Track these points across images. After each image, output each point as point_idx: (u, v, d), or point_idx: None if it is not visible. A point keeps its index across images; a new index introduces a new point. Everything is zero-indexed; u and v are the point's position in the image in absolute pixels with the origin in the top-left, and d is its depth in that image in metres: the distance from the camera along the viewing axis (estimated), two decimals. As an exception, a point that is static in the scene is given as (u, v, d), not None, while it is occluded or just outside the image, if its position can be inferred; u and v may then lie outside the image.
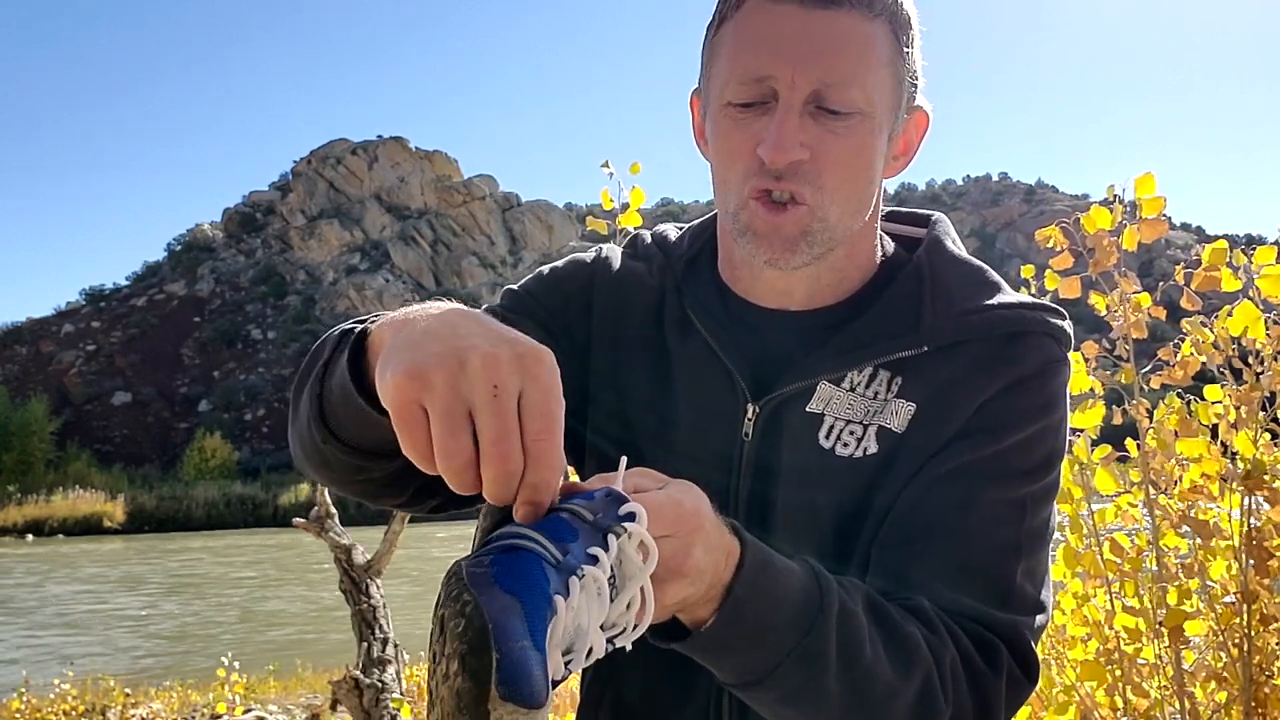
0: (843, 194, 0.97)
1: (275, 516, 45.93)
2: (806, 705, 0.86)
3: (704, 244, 1.15)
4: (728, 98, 0.96)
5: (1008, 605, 0.95)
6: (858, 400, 1.02)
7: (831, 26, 0.92)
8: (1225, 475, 2.50)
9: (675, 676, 1.04)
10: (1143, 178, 2.55)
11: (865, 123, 0.95)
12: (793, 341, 1.06)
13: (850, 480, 1.01)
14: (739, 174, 0.97)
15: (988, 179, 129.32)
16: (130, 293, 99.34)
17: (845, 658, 0.84)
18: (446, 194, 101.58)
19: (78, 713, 8.25)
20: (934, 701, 0.89)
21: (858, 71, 0.93)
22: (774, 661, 0.82)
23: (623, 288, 1.15)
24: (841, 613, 0.84)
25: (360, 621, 7.13)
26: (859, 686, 0.85)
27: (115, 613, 18.10)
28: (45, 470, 59.80)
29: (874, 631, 0.87)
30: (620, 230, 2.99)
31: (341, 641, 10.93)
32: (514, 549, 0.64)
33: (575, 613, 0.64)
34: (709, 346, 1.07)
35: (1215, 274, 2.51)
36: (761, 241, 0.98)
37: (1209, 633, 2.56)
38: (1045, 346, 1.02)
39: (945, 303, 1.03)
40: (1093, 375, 2.66)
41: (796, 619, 0.82)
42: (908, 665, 0.87)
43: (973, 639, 0.92)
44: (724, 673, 0.85)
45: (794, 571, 0.84)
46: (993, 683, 0.92)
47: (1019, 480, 0.99)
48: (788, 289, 1.06)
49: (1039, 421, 1.00)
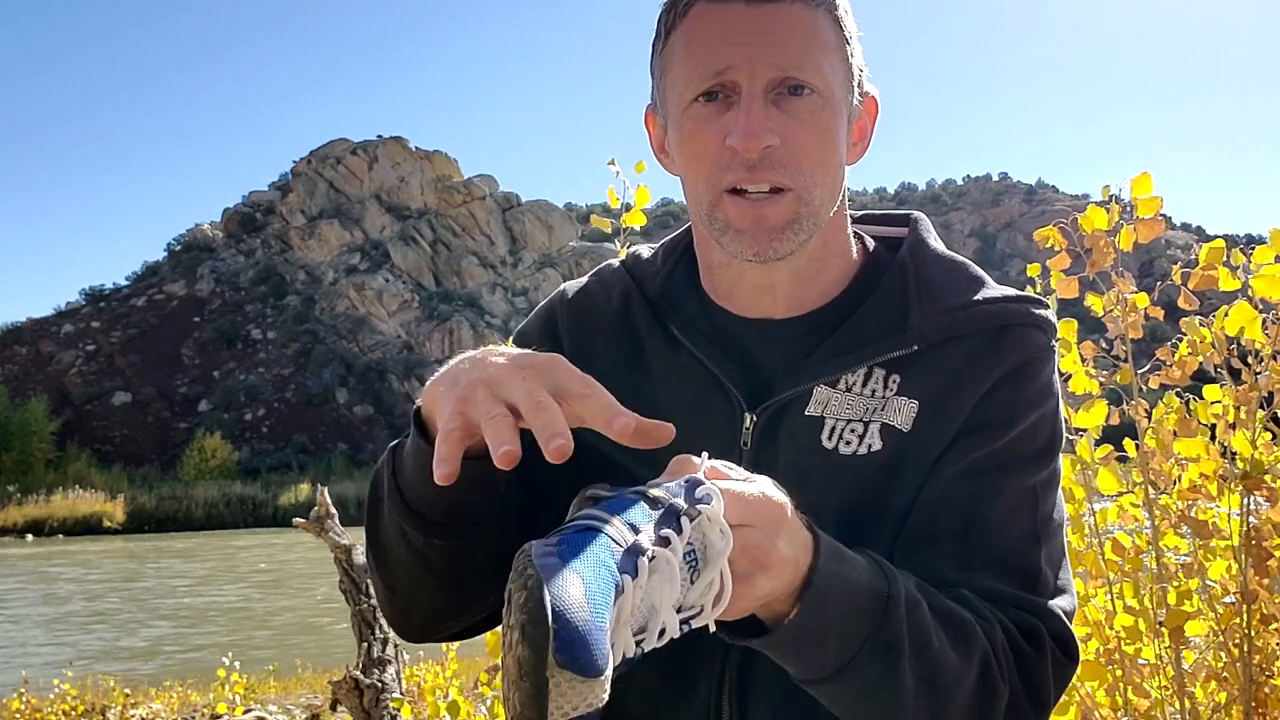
0: (820, 175, 0.98)
1: (275, 516, 45.98)
2: (884, 695, 0.87)
3: (679, 258, 1.16)
4: (690, 96, 0.98)
5: (1037, 590, 0.98)
6: (856, 399, 1.03)
7: (778, 15, 0.95)
8: (1224, 475, 2.50)
9: (674, 682, 1.04)
10: (1139, 178, 2.55)
11: (826, 104, 0.97)
12: (783, 348, 1.06)
13: (856, 478, 1.01)
14: (709, 171, 0.98)
15: (988, 179, 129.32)
16: (130, 293, 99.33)
17: (916, 644, 0.86)
18: (446, 194, 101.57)
19: (78, 713, 8.25)
20: (994, 684, 0.91)
21: (811, 54, 0.96)
22: (852, 651, 0.83)
23: (585, 313, 1.17)
24: (909, 600, 0.87)
25: (360, 621, 7.14)
26: (930, 673, 0.87)
27: (115, 612, 18.10)
28: (45, 470, 59.84)
29: (935, 618, 0.88)
30: (625, 229, 2.99)
31: (341, 641, 10.93)
32: (584, 529, 0.66)
33: (646, 592, 0.66)
34: (697, 359, 1.08)
35: (1213, 273, 2.51)
36: (744, 236, 0.99)
37: (1209, 633, 2.56)
38: (1033, 337, 1.04)
39: (932, 300, 1.05)
40: (1091, 375, 2.66)
41: (871, 608, 0.84)
42: (968, 649, 0.89)
43: (1015, 623, 0.95)
44: (803, 668, 0.85)
45: (861, 562, 0.86)
46: (1039, 663, 0.94)
47: (1029, 469, 1.01)
48: (770, 285, 1.07)
49: (1038, 409, 1.02)
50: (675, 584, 0.68)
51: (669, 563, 0.67)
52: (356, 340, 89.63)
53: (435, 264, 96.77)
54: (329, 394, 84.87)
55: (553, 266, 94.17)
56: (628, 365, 1.12)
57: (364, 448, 78.05)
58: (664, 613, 0.68)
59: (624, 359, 1.13)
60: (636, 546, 0.66)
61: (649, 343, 1.12)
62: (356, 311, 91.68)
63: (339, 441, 79.43)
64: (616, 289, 1.17)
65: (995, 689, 0.91)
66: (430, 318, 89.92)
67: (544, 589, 0.59)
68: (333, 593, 7.65)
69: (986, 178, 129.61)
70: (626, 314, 1.15)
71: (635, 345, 1.13)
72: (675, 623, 0.69)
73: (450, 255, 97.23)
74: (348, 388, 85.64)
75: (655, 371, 1.11)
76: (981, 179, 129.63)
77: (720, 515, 0.71)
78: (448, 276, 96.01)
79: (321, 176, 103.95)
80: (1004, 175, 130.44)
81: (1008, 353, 1.02)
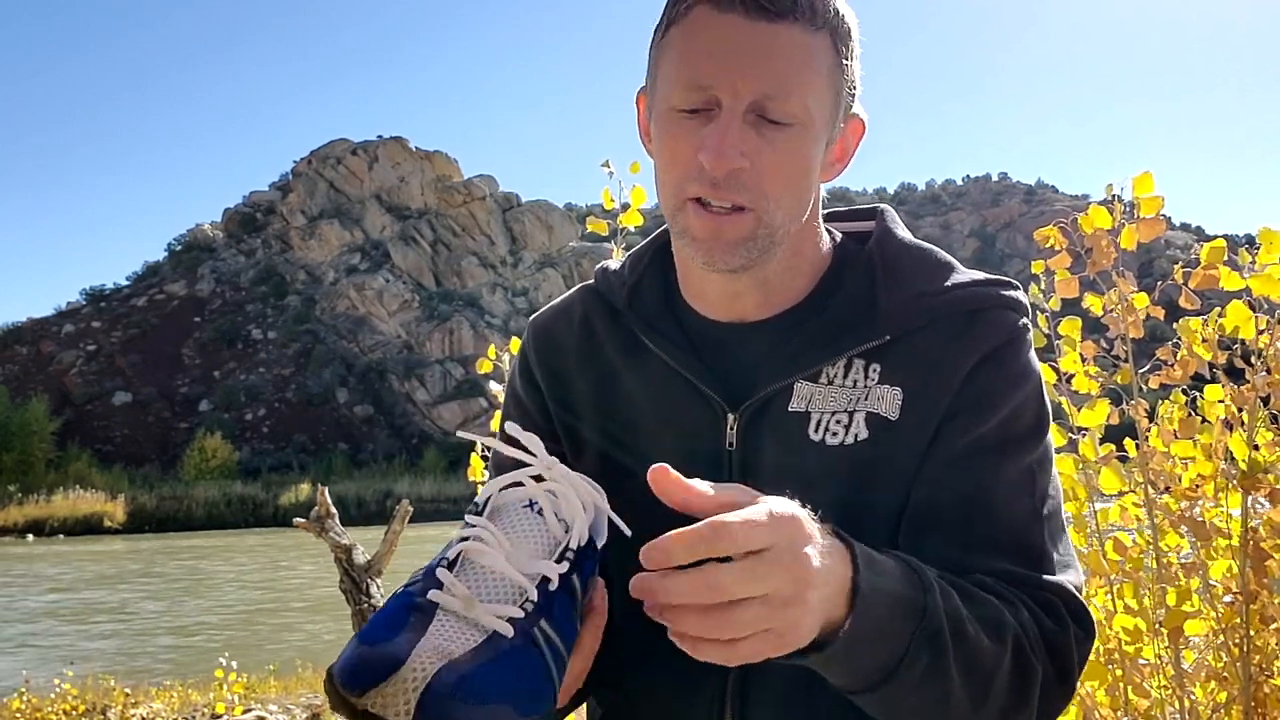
0: (785, 199, 0.99)
1: (275, 516, 45.96)
2: (934, 691, 0.86)
3: (645, 267, 1.17)
4: (673, 104, 0.99)
5: (1045, 568, 0.98)
6: (839, 391, 1.04)
7: (774, 39, 0.94)
8: (1224, 475, 2.50)
9: (679, 687, 1.04)
10: (1141, 177, 2.55)
11: (804, 133, 0.97)
12: (758, 348, 1.07)
13: (847, 468, 1.02)
14: (677, 177, 0.99)
15: (988, 179, 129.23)
16: (130, 293, 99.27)
17: (956, 634, 0.85)
18: (446, 194, 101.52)
19: (78, 713, 8.24)
20: (1028, 664, 0.91)
21: (798, 84, 0.95)
22: (901, 650, 0.83)
23: (551, 345, 1.19)
24: (941, 590, 0.86)
25: (360, 621, 7.13)
26: (971, 661, 0.86)
27: (115, 612, 18.10)
28: (46, 470, 59.80)
29: (966, 605, 0.88)
30: (621, 230, 2.98)
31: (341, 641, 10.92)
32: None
33: (496, 553, 0.73)
34: (669, 367, 1.08)
35: (1213, 273, 2.51)
36: (700, 245, 1.00)
37: (1209, 633, 2.56)
38: (1006, 319, 1.05)
39: (901, 288, 1.06)
40: (1091, 376, 2.66)
41: (910, 604, 0.83)
42: (999, 632, 0.89)
43: (1036, 601, 0.95)
44: (857, 676, 0.84)
45: (887, 558, 0.85)
46: (1062, 638, 0.95)
47: (1022, 449, 1.02)
48: (736, 293, 1.08)
49: (1022, 389, 1.03)
50: (520, 532, 0.75)
51: (485, 528, 0.74)
52: (357, 340, 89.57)
53: (435, 264, 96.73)
54: (329, 394, 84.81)
55: (553, 266, 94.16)
56: (601, 386, 1.14)
57: (364, 448, 78.04)
58: (531, 564, 0.74)
59: (596, 380, 1.14)
60: (429, 569, 0.73)
61: (620, 359, 1.13)
62: (357, 311, 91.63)
63: (339, 441, 79.37)
64: (577, 314, 1.19)
65: (1030, 669, 0.91)
66: (430, 318, 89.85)
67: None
68: (333, 592, 7.65)
69: (986, 178, 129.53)
70: (590, 337, 1.17)
71: (605, 366, 1.14)
72: (550, 567, 0.75)
73: (450, 255, 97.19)
74: (348, 388, 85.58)
75: (630, 387, 1.12)
76: (981, 179, 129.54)
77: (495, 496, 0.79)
78: (448, 276, 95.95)
79: (322, 176, 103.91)
80: (1004, 175, 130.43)
81: (983, 336, 1.03)
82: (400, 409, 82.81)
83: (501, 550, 0.73)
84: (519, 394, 1.21)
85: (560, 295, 1.26)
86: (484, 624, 0.67)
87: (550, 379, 1.17)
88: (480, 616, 0.67)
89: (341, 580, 7.17)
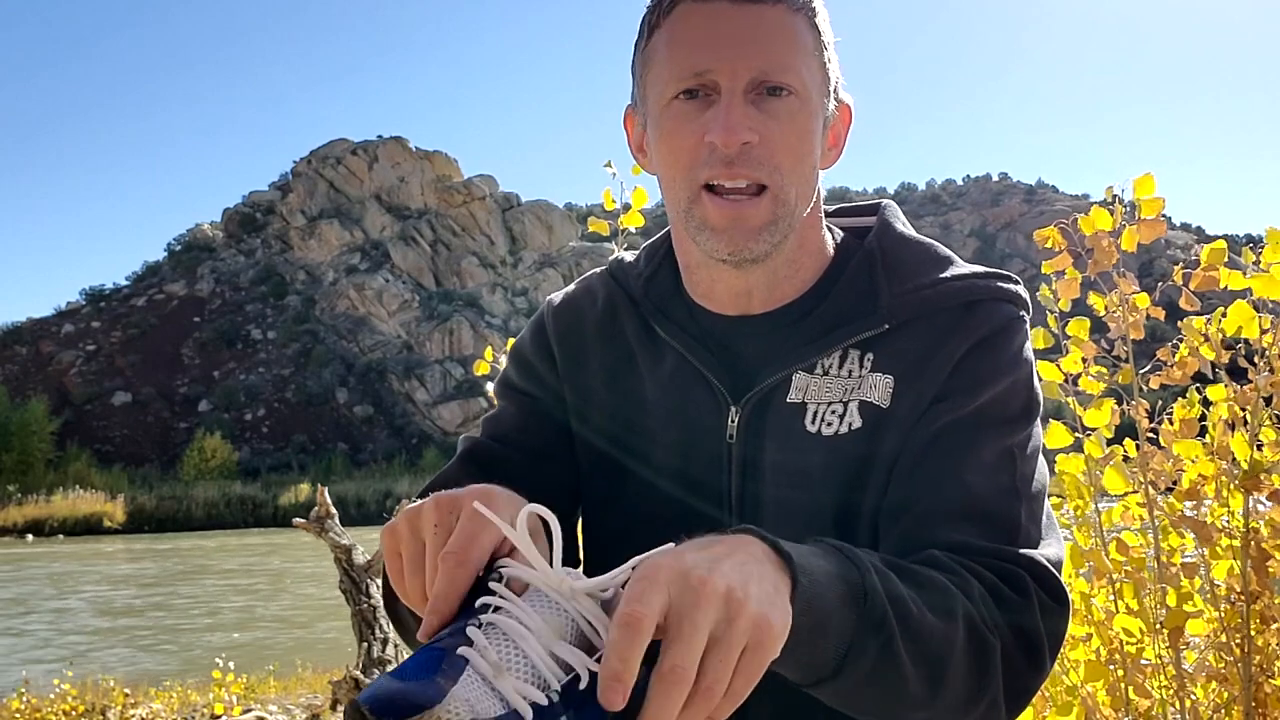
0: (796, 173, 1.00)
1: (275, 516, 46.01)
2: (886, 676, 0.84)
3: (661, 259, 1.19)
4: (671, 93, 1.00)
5: (1016, 542, 0.97)
6: (834, 381, 1.05)
7: (761, 18, 0.98)
8: (1224, 475, 2.49)
9: None
10: (1141, 178, 2.55)
11: (803, 106, 1.00)
12: (762, 341, 1.09)
13: (841, 458, 1.03)
14: (687, 167, 1.00)
15: (988, 179, 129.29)
16: (130, 293, 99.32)
17: (899, 615, 0.83)
18: (446, 194, 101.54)
19: (78, 713, 8.24)
20: (983, 640, 0.89)
21: (791, 57, 0.98)
22: (848, 639, 0.81)
23: (572, 321, 1.20)
24: (878, 572, 0.84)
25: (360, 621, 7.15)
26: (920, 642, 0.84)
27: (115, 612, 18.10)
28: (45, 470, 59.85)
29: (907, 585, 0.86)
30: (622, 230, 2.99)
31: (341, 641, 10.93)
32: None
33: (502, 645, 0.69)
34: (682, 357, 1.10)
35: (1214, 274, 2.51)
36: (721, 235, 1.01)
37: (1210, 633, 2.56)
38: (1001, 309, 1.06)
39: (900, 280, 1.07)
40: (1091, 377, 2.65)
41: (848, 592, 0.81)
42: (947, 610, 0.87)
43: (995, 573, 0.93)
44: (808, 670, 0.82)
45: (818, 550, 0.83)
46: (1026, 609, 0.93)
47: (1002, 432, 1.02)
48: (746, 289, 1.09)
49: (1009, 376, 1.03)
50: (539, 619, 0.71)
51: (517, 606, 0.71)
52: (356, 340, 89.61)
53: (435, 264, 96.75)
54: (329, 394, 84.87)
55: (553, 266, 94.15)
56: (619, 367, 1.16)
57: (364, 448, 78.13)
58: (559, 648, 0.70)
59: (615, 361, 1.16)
60: (459, 628, 0.71)
61: (636, 344, 1.15)
62: (356, 311, 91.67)
63: (339, 441, 79.44)
64: (602, 294, 1.21)
65: (986, 644, 0.89)
66: (430, 318, 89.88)
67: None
68: (333, 592, 7.64)
69: (986, 178, 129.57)
70: (613, 317, 1.18)
71: (624, 347, 1.16)
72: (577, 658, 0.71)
73: (450, 255, 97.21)
74: (348, 388, 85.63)
75: (645, 372, 1.14)
76: (981, 179, 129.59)
77: (515, 570, 0.74)
78: (448, 276, 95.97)
79: (321, 176, 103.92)
80: (1004, 175, 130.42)
81: (977, 325, 1.04)
82: (400, 409, 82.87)
83: (532, 631, 0.71)
84: (529, 359, 1.22)
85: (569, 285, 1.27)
86: (509, 699, 0.67)
87: (567, 355, 1.19)
88: (506, 690, 0.67)
89: (341, 580, 7.18)
